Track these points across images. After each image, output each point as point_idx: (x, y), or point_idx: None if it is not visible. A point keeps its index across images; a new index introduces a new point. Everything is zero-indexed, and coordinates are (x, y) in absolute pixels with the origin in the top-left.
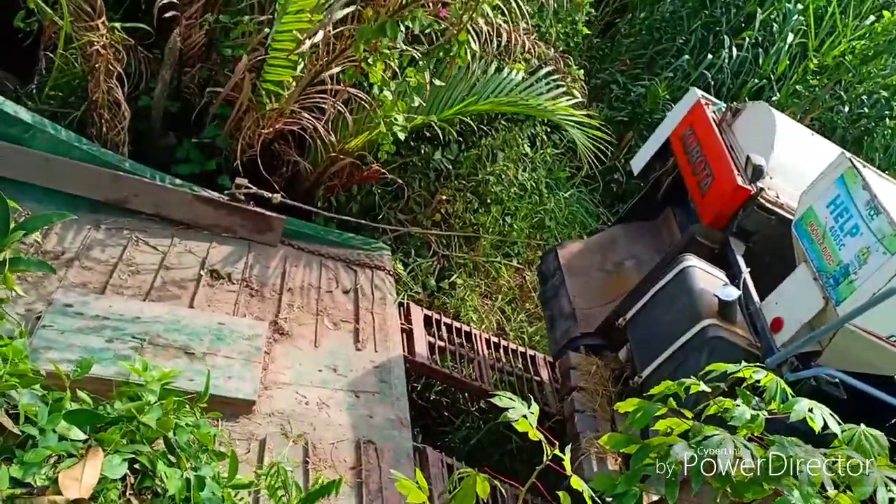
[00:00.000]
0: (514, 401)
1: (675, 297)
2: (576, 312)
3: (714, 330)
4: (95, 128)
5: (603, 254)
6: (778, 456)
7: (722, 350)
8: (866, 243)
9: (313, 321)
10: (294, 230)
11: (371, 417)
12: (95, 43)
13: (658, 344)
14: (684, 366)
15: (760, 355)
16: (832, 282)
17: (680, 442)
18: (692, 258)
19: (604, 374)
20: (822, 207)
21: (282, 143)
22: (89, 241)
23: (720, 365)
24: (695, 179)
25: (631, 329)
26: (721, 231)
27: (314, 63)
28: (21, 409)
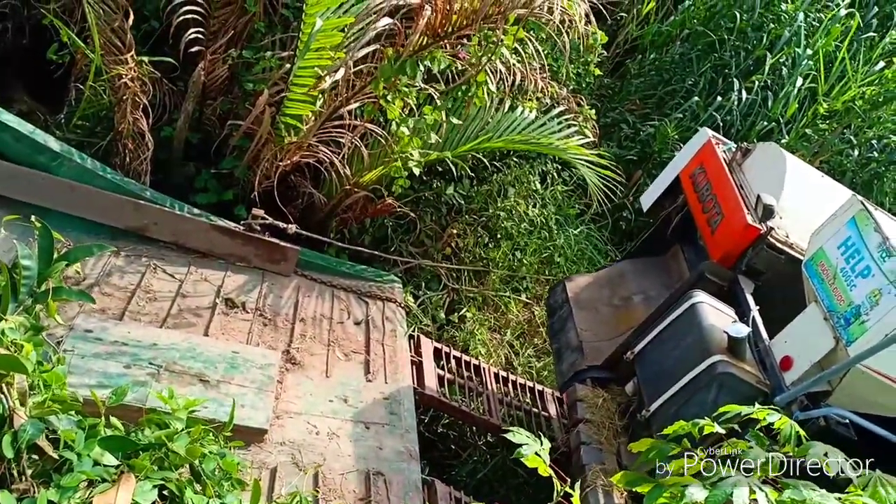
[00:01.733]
0: (527, 437)
1: (684, 332)
2: (583, 345)
3: (723, 366)
4: (119, 157)
5: (611, 288)
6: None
7: (731, 386)
8: (878, 285)
9: (325, 351)
10: (307, 261)
11: (380, 449)
12: (124, 76)
13: (666, 379)
14: (693, 401)
15: (769, 393)
16: (843, 322)
17: (694, 483)
18: (701, 294)
19: (610, 408)
20: (832, 248)
21: (298, 175)
22: (109, 267)
23: (733, 406)
24: (704, 217)
25: (639, 363)
26: (730, 269)
27: (333, 99)
28: (61, 434)
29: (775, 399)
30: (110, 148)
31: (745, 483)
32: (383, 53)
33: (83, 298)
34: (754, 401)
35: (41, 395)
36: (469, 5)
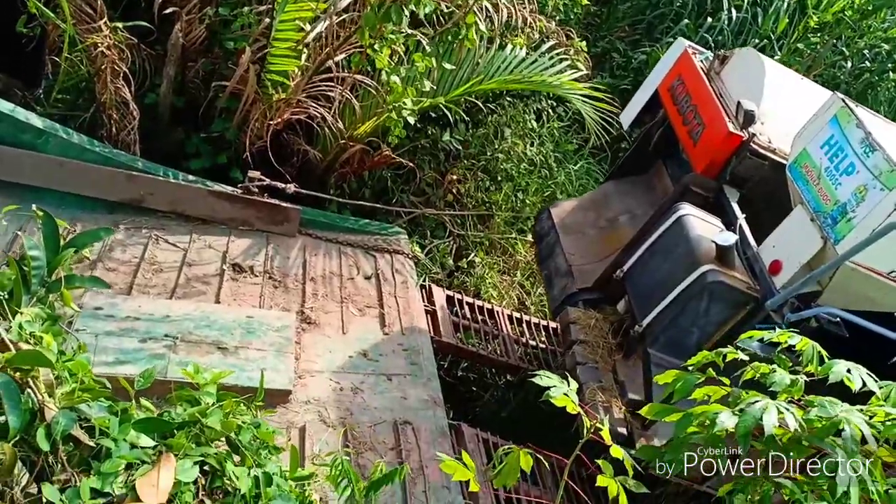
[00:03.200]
0: (553, 379)
1: (672, 245)
2: (572, 269)
3: (713, 275)
4: (106, 129)
5: (596, 210)
6: (820, 417)
7: (722, 294)
8: (863, 181)
9: (339, 309)
10: (310, 219)
11: (405, 399)
12: (99, 44)
13: (657, 292)
14: (685, 312)
15: (760, 298)
16: (830, 221)
17: (723, 410)
18: (687, 206)
19: (603, 327)
20: (815, 149)
21: (290, 133)
22: (110, 242)
23: (756, 332)
24: (685, 129)
25: (629, 281)
26: (715, 179)
27: (319, 52)
28: (95, 422)
29: (766, 303)
30: (95, 120)
31: (774, 406)
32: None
33: (97, 285)
34: (745, 307)
35: (68, 385)
36: None
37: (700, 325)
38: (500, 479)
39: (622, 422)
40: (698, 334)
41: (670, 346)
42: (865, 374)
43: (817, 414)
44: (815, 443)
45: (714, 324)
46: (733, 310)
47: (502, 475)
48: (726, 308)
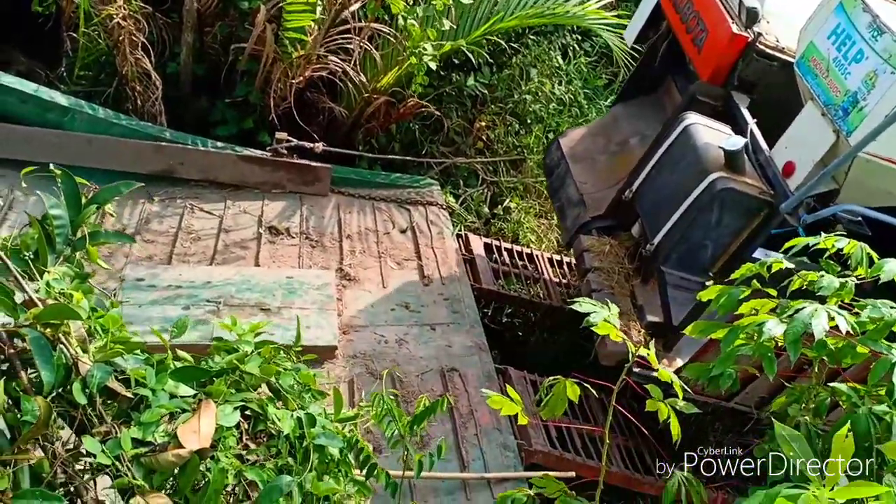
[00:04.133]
0: (594, 305)
1: (680, 157)
2: (584, 198)
3: (723, 182)
4: (130, 102)
5: (606, 136)
6: (872, 318)
7: (733, 202)
8: (873, 66)
9: (377, 264)
10: (341, 177)
11: (450, 347)
12: (115, 16)
13: (666, 207)
14: (696, 224)
15: (774, 203)
16: (841, 113)
17: (771, 318)
18: (693, 115)
19: (618, 253)
20: (822, 40)
21: (314, 92)
22: (146, 214)
23: (800, 239)
24: (689, 37)
25: (638, 200)
26: (722, 87)
27: (333, 3)
28: (130, 373)
29: (781, 206)
30: (119, 94)
31: (823, 310)
32: None
33: (123, 239)
34: (760, 213)
35: (101, 340)
36: None
37: (713, 237)
38: (547, 410)
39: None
40: (713, 247)
41: (684, 263)
42: None
43: (869, 315)
44: (869, 345)
45: (728, 234)
46: (747, 218)
47: (549, 406)
48: (739, 216)
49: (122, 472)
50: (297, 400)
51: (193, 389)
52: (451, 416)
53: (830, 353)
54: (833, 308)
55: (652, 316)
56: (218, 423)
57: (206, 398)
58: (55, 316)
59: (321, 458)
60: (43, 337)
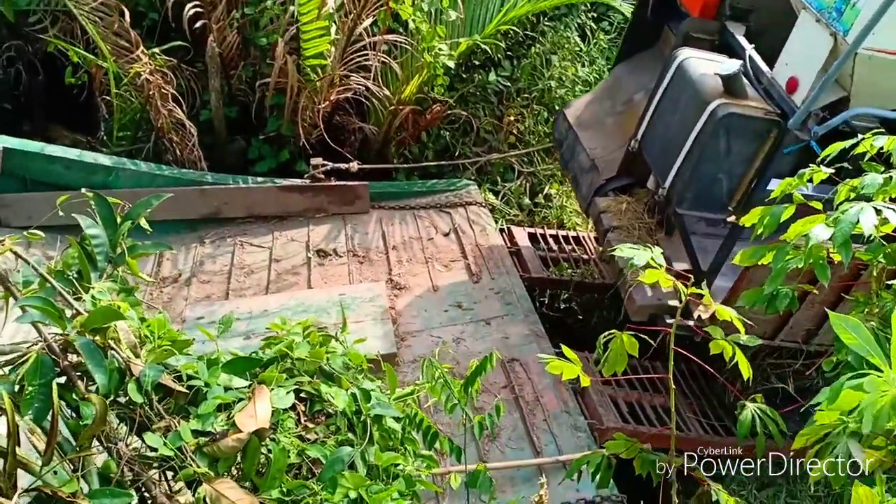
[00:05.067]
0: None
1: (679, 94)
2: (596, 163)
3: (723, 108)
4: (170, 152)
5: (611, 98)
6: None
7: (739, 126)
8: None
9: (425, 269)
10: (379, 192)
11: (507, 338)
12: (142, 73)
13: (673, 148)
14: (705, 157)
15: (782, 122)
16: (835, 14)
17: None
18: (685, 50)
19: (637, 209)
20: None
21: (342, 114)
22: (199, 257)
23: (836, 145)
24: None
25: (645, 148)
26: (715, 20)
27: (345, 22)
28: (182, 369)
29: (789, 123)
30: (158, 147)
31: (869, 206)
32: None
33: (160, 248)
34: (769, 135)
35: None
36: None
37: (726, 169)
38: (608, 367)
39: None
40: (727, 180)
41: (700, 202)
42: None
43: None
44: None
45: (741, 163)
46: (757, 142)
47: (609, 362)
48: (748, 142)
49: (187, 463)
50: (351, 379)
51: (247, 381)
52: (517, 405)
53: (887, 254)
54: (880, 203)
55: (679, 264)
56: (274, 406)
57: (260, 385)
58: (101, 320)
59: (382, 432)
60: (93, 343)
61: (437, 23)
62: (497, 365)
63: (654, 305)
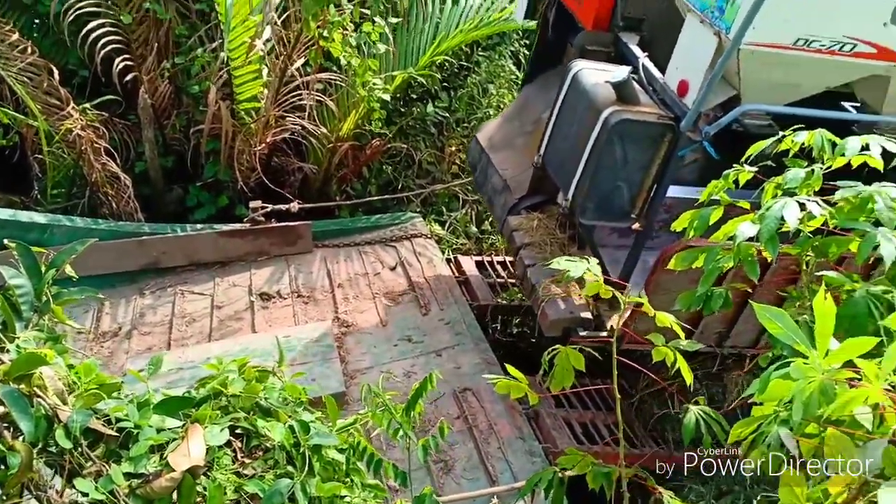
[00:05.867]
0: (572, 261)
1: (574, 106)
2: (508, 183)
3: (617, 115)
4: (106, 206)
5: (520, 118)
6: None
7: (633, 132)
8: None
9: (372, 305)
10: (323, 230)
11: (459, 368)
12: (74, 129)
13: (572, 159)
14: (603, 168)
15: (675, 125)
16: (717, 13)
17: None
18: (579, 62)
19: (549, 225)
20: None
21: (280, 155)
22: (139, 309)
23: (758, 144)
24: None
25: (548, 162)
26: (608, 31)
27: (276, 63)
28: (111, 412)
29: (681, 125)
30: (93, 202)
31: (792, 201)
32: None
33: (86, 293)
34: (664, 139)
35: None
36: None
37: (624, 176)
38: (555, 383)
39: (585, 307)
40: (627, 187)
41: (602, 210)
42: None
43: (842, 196)
44: (848, 224)
45: (638, 169)
46: (652, 147)
47: (556, 378)
48: (644, 147)
49: None
50: (289, 412)
51: (181, 420)
52: (471, 434)
53: (814, 246)
54: (803, 197)
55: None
56: (208, 444)
57: (193, 424)
58: (25, 367)
59: (323, 464)
60: (17, 391)
61: (369, 57)
62: (449, 395)
63: (567, 319)
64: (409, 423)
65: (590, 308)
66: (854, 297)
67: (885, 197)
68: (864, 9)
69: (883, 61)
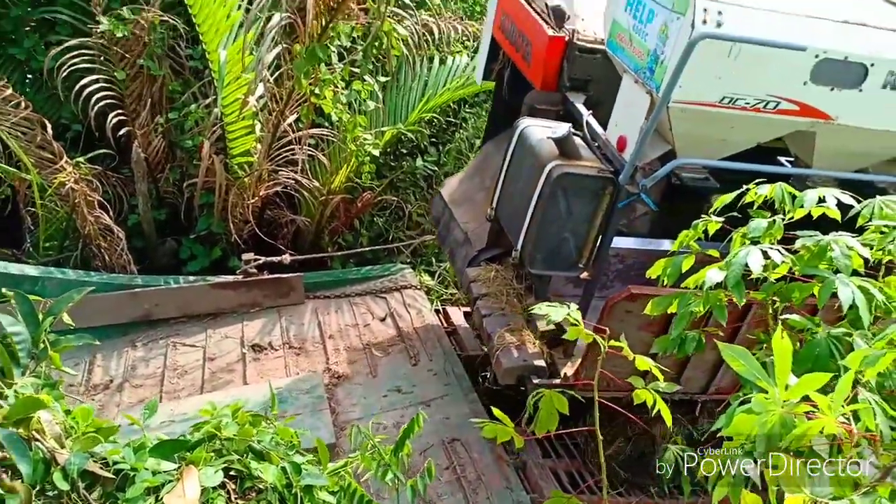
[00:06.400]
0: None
1: (521, 160)
2: (469, 236)
3: (559, 169)
4: (98, 259)
5: (480, 174)
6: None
7: (575, 186)
8: (663, 20)
9: (363, 356)
10: (314, 282)
11: (448, 419)
12: (67, 182)
13: (520, 211)
14: (548, 219)
15: (615, 179)
16: (648, 73)
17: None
18: (525, 119)
19: (506, 276)
20: (621, 14)
21: (273, 208)
22: (131, 361)
23: (724, 197)
24: (519, 55)
25: (500, 214)
26: (556, 91)
27: (269, 119)
28: (107, 454)
29: (619, 178)
30: (86, 254)
31: (756, 249)
32: (293, 52)
33: (83, 339)
34: (605, 192)
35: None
36: None
37: (569, 228)
38: (540, 426)
39: (539, 355)
40: (573, 238)
41: (550, 261)
42: (840, 194)
43: (802, 245)
44: (809, 271)
45: (583, 221)
46: (594, 199)
47: (541, 421)
48: (586, 200)
49: None
50: (281, 455)
51: (176, 463)
52: (460, 485)
53: (778, 290)
54: (765, 245)
55: (543, 326)
56: (203, 485)
57: (188, 466)
58: (23, 411)
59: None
60: (16, 434)
61: (358, 113)
62: (438, 446)
63: (520, 367)
64: (398, 463)
65: (544, 356)
66: (816, 339)
67: (841, 245)
68: (784, 69)
69: (806, 118)
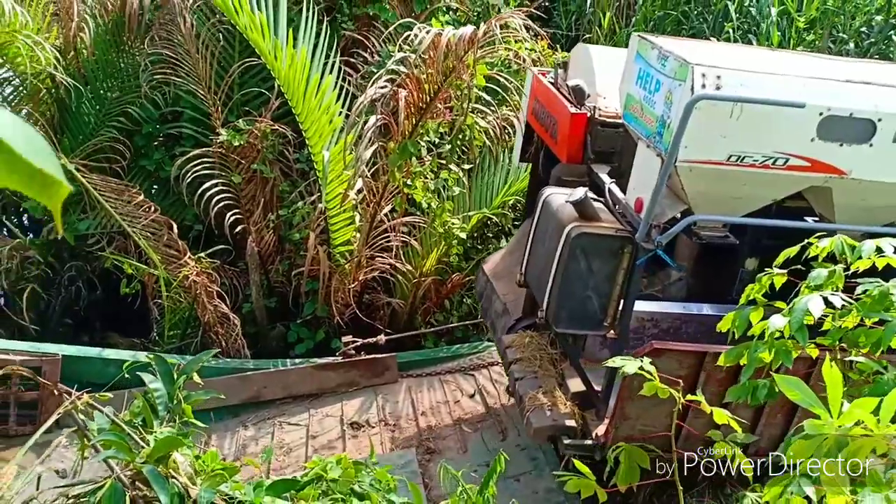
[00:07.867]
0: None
1: (545, 225)
2: (507, 306)
3: (577, 230)
4: (216, 344)
5: (520, 249)
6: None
7: (593, 246)
8: (668, 88)
9: (454, 431)
10: (406, 361)
11: (536, 493)
12: (190, 275)
13: (545, 273)
14: (569, 278)
15: (633, 237)
16: (658, 138)
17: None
18: (548, 188)
19: (541, 342)
20: (633, 87)
21: (371, 292)
22: (242, 441)
23: (789, 251)
24: (548, 134)
25: (528, 278)
26: (582, 163)
27: (367, 210)
28: (232, 489)
29: (636, 236)
30: (205, 340)
31: (817, 295)
32: (388, 149)
33: (211, 394)
34: (624, 251)
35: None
36: (432, 69)
37: (592, 286)
38: (622, 479)
39: (570, 415)
40: (596, 297)
41: (575, 320)
42: None
43: (864, 291)
44: (871, 314)
45: (604, 280)
46: (614, 258)
47: (623, 475)
48: (606, 259)
49: None
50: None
51: (288, 500)
52: None
53: (845, 335)
54: (826, 292)
55: (576, 387)
56: None
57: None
58: (164, 448)
59: None
60: (157, 470)
61: (446, 200)
62: None
63: (550, 426)
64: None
65: (574, 417)
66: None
67: None
68: (789, 126)
69: (819, 173)
